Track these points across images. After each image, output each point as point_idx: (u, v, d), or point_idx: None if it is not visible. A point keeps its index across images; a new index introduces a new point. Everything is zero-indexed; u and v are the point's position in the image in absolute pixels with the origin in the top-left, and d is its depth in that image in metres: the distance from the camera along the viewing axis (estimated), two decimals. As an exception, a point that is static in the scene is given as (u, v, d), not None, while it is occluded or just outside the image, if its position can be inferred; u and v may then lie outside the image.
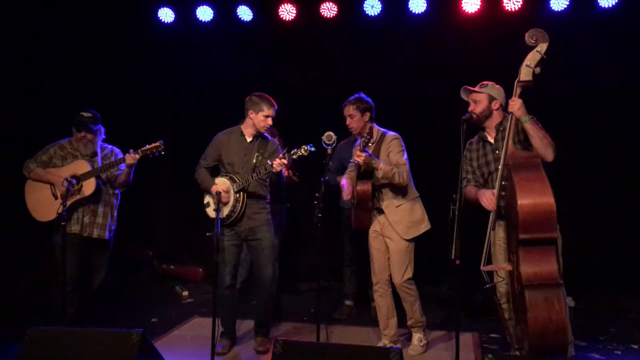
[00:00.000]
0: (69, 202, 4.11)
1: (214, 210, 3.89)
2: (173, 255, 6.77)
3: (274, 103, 4.23)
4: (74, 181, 4.15)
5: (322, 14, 6.00)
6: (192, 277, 6.52)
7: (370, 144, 4.00)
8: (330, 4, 5.96)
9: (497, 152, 3.69)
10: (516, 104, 3.41)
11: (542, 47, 3.35)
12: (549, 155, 3.42)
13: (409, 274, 4.13)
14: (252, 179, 4.12)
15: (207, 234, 3.89)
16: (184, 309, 5.52)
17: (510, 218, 3.39)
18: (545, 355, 3.14)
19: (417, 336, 4.27)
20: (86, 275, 4.44)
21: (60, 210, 4.01)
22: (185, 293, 6.00)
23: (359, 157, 3.86)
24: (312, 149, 3.86)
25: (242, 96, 6.32)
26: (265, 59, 6.30)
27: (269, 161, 3.97)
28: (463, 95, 3.82)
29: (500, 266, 3.52)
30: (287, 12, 6.08)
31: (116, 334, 3.05)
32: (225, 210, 4.20)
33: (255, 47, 6.33)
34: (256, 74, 6.29)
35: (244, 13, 6.18)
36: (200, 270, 6.55)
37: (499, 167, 3.56)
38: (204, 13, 6.25)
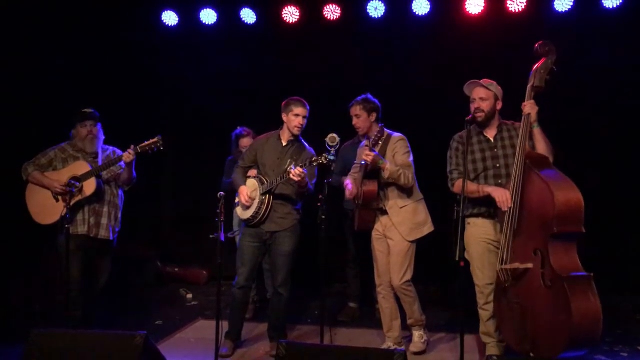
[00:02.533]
0: (71, 203, 4.12)
1: (219, 212, 3.89)
2: (177, 257, 6.78)
3: (305, 103, 4.24)
4: (77, 183, 4.17)
5: (326, 16, 6.00)
6: (196, 280, 6.52)
7: (380, 142, 4.00)
8: (334, 6, 5.96)
9: (495, 150, 3.77)
10: (535, 108, 3.52)
11: (552, 58, 3.54)
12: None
13: (408, 276, 4.11)
14: (277, 182, 4.11)
15: (211, 236, 3.88)
16: (188, 312, 5.52)
17: (529, 216, 3.38)
18: (579, 348, 3.18)
19: (417, 333, 4.26)
20: (91, 276, 4.46)
21: (64, 213, 4.02)
22: (190, 295, 6.00)
23: (367, 156, 3.87)
24: (332, 157, 3.85)
25: (246, 99, 6.40)
26: (269, 62, 6.31)
27: (292, 167, 3.96)
28: (466, 91, 3.83)
29: (519, 265, 3.44)
30: (291, 14, 6.08)
31: (119, 336, 3.05)
32: (250, 212, 4.20)
33: (259, 50, 6.34)
34: (260, 76, 6.31)
35: (248, 16, 6.19)
36: (205, 272, 6.56)
37: (497, 165, 3.71)
38: (208, 16, 6.27)
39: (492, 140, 3.80)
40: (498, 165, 3.73)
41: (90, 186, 4.25)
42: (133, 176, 4.44)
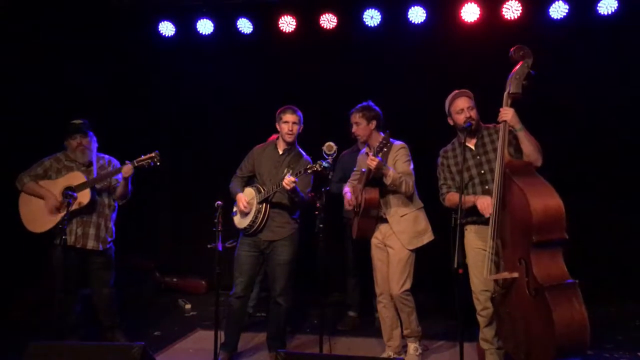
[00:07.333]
0: (69, 212, 4.16)
1: (217, 222, 3.89)
2: (175, 267, 6.76)
3: (295, 109, 4.27)
4: (75, 194, 4.18)
5: (322, 25, 6.01)
6: (194, 290, 6.50)
7: (384, 150, 4.01)
8: (330, 15, 5.98)
9: (478, 157, 3.79)
10: (509, 113, 3.50)
11: (528, 62, 3.48)
12: (539, 160, 3.51)
13: (408, 285, 4.09)
14: (272, 190, 4.11)
15: (209, 245, 3.88)
16: (186, 322, 5.50)
17: (512, 225, 3.36)
18: (568, 356, 3.13)
19: (412, 346, 4.23)
20: (92, 288, 4.50)
21: (61, 225, 4.03)
22: (188, 306, 5.98)
23: (372, 161, 3.86)
24: (326, 164, 3.86)
25: (243, 108, 6.40)
26: (266, 71, 6.32)
27: (288, 175, 3.96)
28: (449, 105, 3.90)
29: (508, 274, 3.43)
30: (287, 24, 6.10)
31: (117, 347, 3.05)
32: (247, 220, 4.20)
33: (256, 59, 6.35)
34: (256, 86, 6.32)
35: (244, 26, 6.20)
36: (203, 282, 6.54)
37: (482, 172, 3.71)
38: (204, 26, 6.27)
39: (473, 148, 3.83)
40: (482, 171, 3.75)
41: (84, 197, 4.28)
42: (129, 190, 4.44)
